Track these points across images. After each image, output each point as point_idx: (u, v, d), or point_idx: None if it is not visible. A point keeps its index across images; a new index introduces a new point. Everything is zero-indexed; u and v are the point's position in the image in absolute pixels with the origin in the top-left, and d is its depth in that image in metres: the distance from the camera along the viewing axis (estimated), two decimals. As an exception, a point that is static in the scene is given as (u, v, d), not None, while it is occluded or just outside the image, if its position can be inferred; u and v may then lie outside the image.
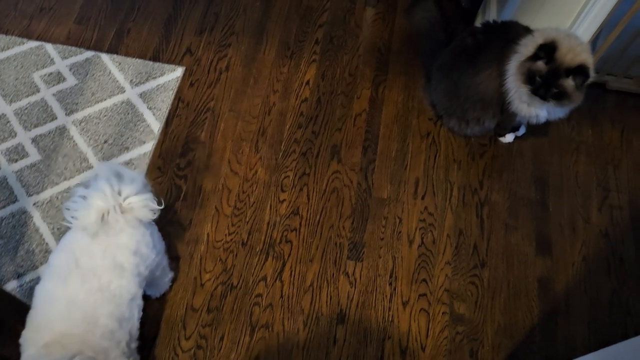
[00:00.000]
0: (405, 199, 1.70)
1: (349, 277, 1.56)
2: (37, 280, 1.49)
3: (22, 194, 1.63)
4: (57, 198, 1.62)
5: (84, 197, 1.11)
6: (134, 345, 1.21)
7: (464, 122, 1.74)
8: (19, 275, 1.51)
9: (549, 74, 1.45)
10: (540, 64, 1.46)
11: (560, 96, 1.48)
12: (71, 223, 1.14)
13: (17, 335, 1.41)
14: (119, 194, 1.14)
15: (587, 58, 1.45)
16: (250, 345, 1.46)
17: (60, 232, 1.57)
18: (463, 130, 1.77)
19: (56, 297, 1.13)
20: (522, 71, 1.50)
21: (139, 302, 1.22)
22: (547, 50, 1.44)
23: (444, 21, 2.04)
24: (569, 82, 1.45)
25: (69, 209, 1.12)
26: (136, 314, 1.21)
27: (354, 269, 1.58)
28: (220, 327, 1.48)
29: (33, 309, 1.15)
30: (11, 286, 1.49)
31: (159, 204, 1.21)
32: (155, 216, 1.21)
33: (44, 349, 1.08)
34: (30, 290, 1.48)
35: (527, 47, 1.51)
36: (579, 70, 1.43)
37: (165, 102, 1.82)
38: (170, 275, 1.47)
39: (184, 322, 1.48)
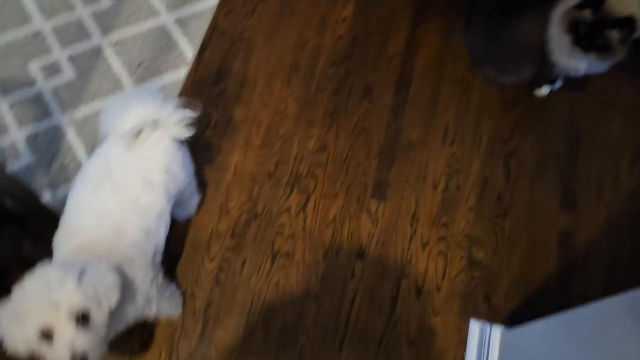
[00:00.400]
0: (434, 144, 1.69)
1: (371, 215, 1.59)
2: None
3: (58, 110, 1.66)
4: (91, 116, 1.65)
5: (122, 107, 1.14)
6: (159, 258, 1.26)
7: (500, 70, 1.70)
8: (52, 188, 1.56)
9: (595, 23, 1.40)
10: (587, 13, 1.41)
11: (602, 48, 1.43)
12: (108, 126, 1.19)
13: (47, 242, 1.48)
14: (157, 110, 1.16)
15: (636, 11, 1.40)
16: (271, 272, 1.51)
17: (93, 149, 1.61)
18: (499, 79, 1.74)
19: (88, 204, 1.17)
20: (567, 19, 1.45)
21: (167, 218, 1.26)
22: None
23: (489, -36, 1.97)
24: (614, 34, 1.40)
25: (109, 112, 1.17)
26: (163, 230, 1.25)
27: (377, 207, 1.60)
28: (243, 253, 1.53)
29: (66, 214, 1.19)
30: (44, 198, 1.55)
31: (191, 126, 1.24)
32: (187, 135, 1.24)
33: (74, 252, 1.13)
34: (62, 203, 1.54)
35: None
36: (627, 23, 1.38)
37: (200, 29, 1.81)
38: (198, 198, 1.51)
39: (209, 245, 1.53)
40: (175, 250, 1.51)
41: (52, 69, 1.72)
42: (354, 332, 1.46)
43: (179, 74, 1.74)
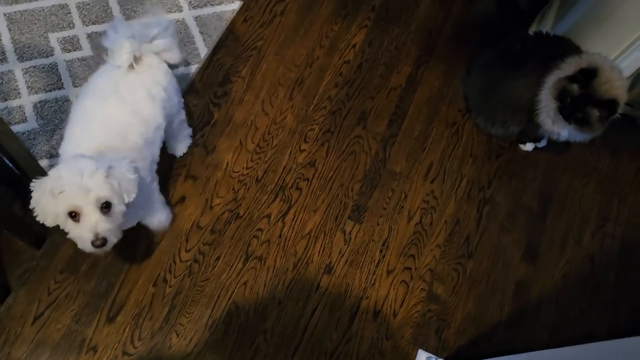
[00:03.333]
0: (416, 179, 1.79)
1: (345, 234, 1.68)
2: (66, 164, 1.62)
3: (69, 83, 1.74)
4: (99, 95, 1.73)
5: (115, 36, 1.33)
6: (154, 167, 1.42)
7: (490, 121, 1.80)
8: (51, 156, 1.63)
9: (579, 98, 1.50)
10: (575, 87, 1.51)
11: (582, 122, 1.53)
12: (108, 57, 1.36)
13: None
14: (147, 36, 1.35)
15: (621, 94, 1.49)
16: (242, 272, 1.59)
17: (96, 127, 1.68)
18: (488, 129, 1.84)
19: (96, 114, 1.31)
20: (557, 87, 1.55)
21: (161, 132, 1.42)
22: (586, 75, 1.48)
23: (500, 20, 2.08)
24: (595, 112, 1.50)
25: (106, 44, 1.34)
26: (158, 141, 1.41)
27: (352, 229, 1.69)
28: (219, 249, 1.61)
29: (72, 125, 1.32)
30: (42, 164, 1.62)
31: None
32: (180, 59, 1.45)
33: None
34: (58, 172, 1.61)
35: (570, 66, 1.55)
36: (608, 104, 1.48)
37: (217, 30, 1.90)
38: (189, 132, 1.67)
39: (188, 236, 1.61)
40: (155, 236, 1.59)
41: (71, 43, 1.79)
42: (309, 341, 1.55)
43: (189, 69, 1.82)
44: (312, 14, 1.99)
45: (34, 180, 1.15)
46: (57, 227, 1.51)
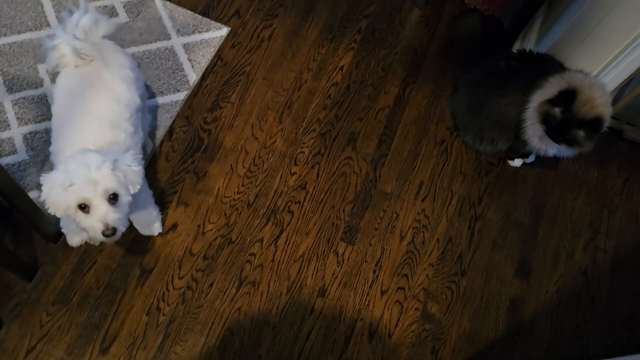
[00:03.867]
0: (407, 198, 1.79)
1: (338, 256, 1.68)
2: (57, 195, 1.61)
3: (58, 113, 1.74)
4: (89, 124, 1.74)
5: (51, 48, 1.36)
6: (141, 155, 1.44)
7: (478, 139, 1.82)
8: (41, 188, 1.63)
9: (562, 122, 1.52)
10: (557, 111, 1.53)
11: (570, 142, 1.55)
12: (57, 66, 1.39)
13: (31, 239, 1.55)
14: (75, 25, 1.37)
15: (603, 111, 1.50)
16: (235, 297, 1.59)
17: (86, 156, 1.68)
18: (476, 146, 1.85)
19: (86, 111, 1.34)
20: (540, 111, 1.57)
21: (141, 114, 1.49)
22: (566, 98, 1.50)
23: (484, 39, 2.11)
24: (580, 133, 1.52)
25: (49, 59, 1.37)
26: (140, 124, 1.48)
27: (345, 250, 1.69)
28: (212, 275, 1.60)
29: (60, 125, 1.35)
30: (32, 195, 1.62)
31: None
32: (114, 25, 1.46)
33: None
34: (49, 203, 1.61)
35: (552, 87, 1.56)
36: (592, 123, 1.50)
37: (205, 57, 1.92)
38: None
39: (180, 263, 1.60)
40: (148, 264, 1.58)
41: (60, 74, 1.80)
42: (305, 366, 1.54)
43: (178, 96, 1.84)
44: (299, 38, 2.02)
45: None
46: (48, 258, 1.52)
